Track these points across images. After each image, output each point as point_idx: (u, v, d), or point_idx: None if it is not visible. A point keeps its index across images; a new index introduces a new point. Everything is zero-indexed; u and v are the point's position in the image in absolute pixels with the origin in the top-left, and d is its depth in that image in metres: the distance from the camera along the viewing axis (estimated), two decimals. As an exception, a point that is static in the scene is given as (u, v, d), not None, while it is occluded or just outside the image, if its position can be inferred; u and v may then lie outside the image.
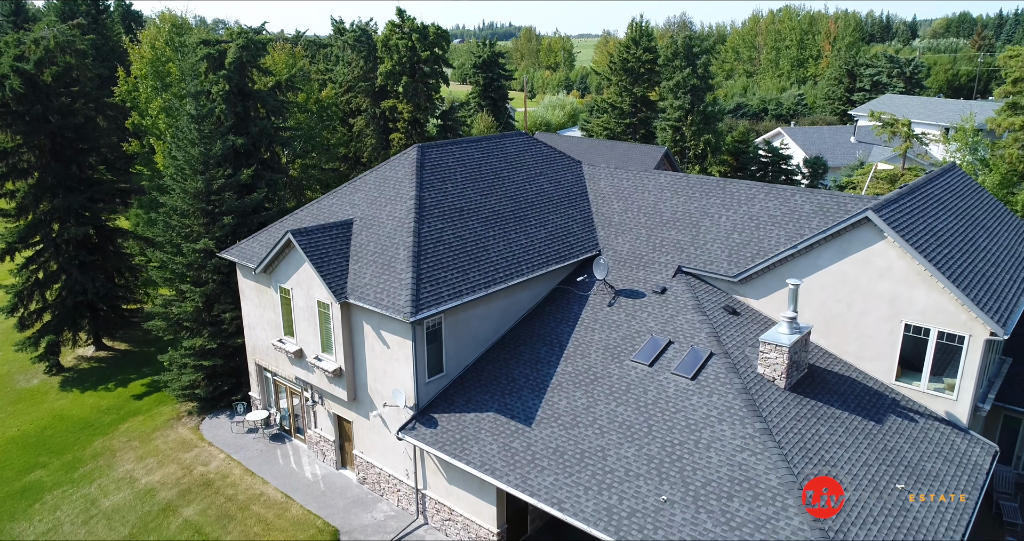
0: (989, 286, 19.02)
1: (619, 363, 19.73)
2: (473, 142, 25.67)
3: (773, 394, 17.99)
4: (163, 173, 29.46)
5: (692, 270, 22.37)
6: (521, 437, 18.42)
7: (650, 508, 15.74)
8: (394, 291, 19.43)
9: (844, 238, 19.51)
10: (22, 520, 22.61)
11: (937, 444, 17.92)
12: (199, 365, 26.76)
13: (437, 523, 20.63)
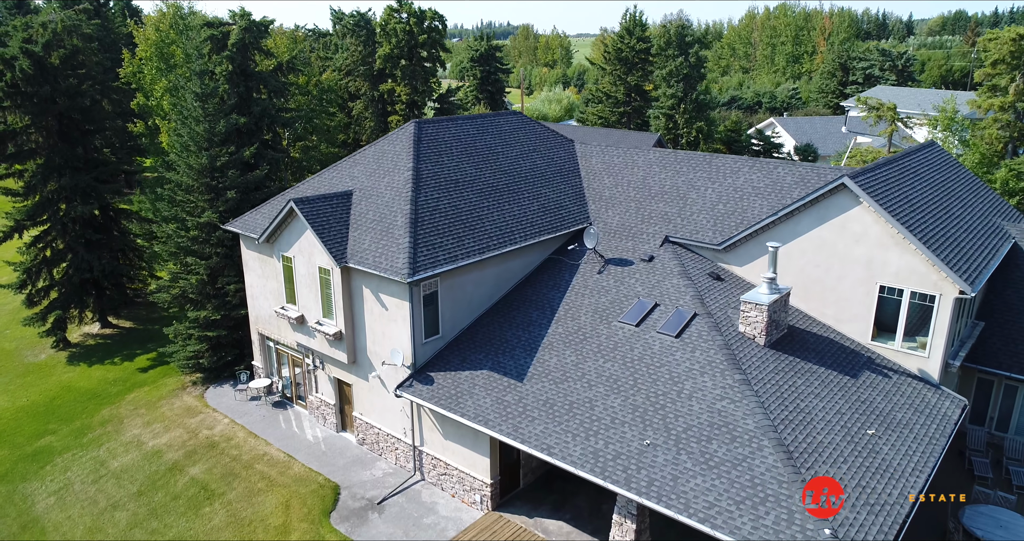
0: (959, 249, 19.95)
1: (607, 324, 20.63)
2: (468, 119, 26.56)
3: (753, 350, 18.89)
4: (168, 152, 30.29)
5: (679, 240, 23.26)
6: (513, 391, 19.33)
7: (634, 451, 16.65)
8: (392, 255, 20.33)
9: (822, 205, 20.41)
10: (34, 480, 23.48)
11: (909, 397, 18.84)
12: (204, 336, 27.64)
13: (433, 478, 21.54)
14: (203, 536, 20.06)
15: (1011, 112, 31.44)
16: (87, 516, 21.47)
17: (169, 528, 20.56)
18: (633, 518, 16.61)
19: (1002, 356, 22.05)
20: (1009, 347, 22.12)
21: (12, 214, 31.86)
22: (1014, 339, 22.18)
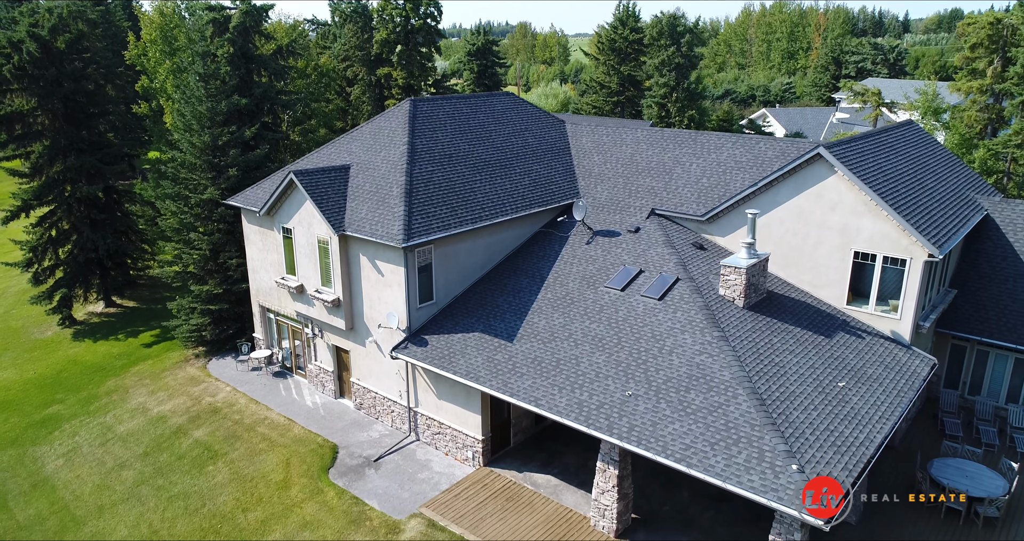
0: (930, 216, 20.87)
1: (594, 289, 21.54)
2: (462, 98, 27.45)
3: (732, 311, 19.81)
4: (171, 131, 31.17)
5: (664, 212, 24.16)
6: (503, 351, 20.24)
7: (616, 401, 17.57)
8: (388, 223, 21.24)
9: (799, 175, 21.31)
10: (43, 444, 24.38)
11: (880, 356, 19.76)
12: (206, 310, 28.54)
13: (427, 438, 22.45)
14: (207, 491, 20.95)
15: (988, 94, 32.43)
16: (95, 475, 22.37)
17: (174, 484, 21.46)
18: (615, 464, 17.51)
19: (973, 322, 22.99)
20: (980, 313, 23.05)
21: (19, 194, 32.74)
22: (985, 306, 23.11)
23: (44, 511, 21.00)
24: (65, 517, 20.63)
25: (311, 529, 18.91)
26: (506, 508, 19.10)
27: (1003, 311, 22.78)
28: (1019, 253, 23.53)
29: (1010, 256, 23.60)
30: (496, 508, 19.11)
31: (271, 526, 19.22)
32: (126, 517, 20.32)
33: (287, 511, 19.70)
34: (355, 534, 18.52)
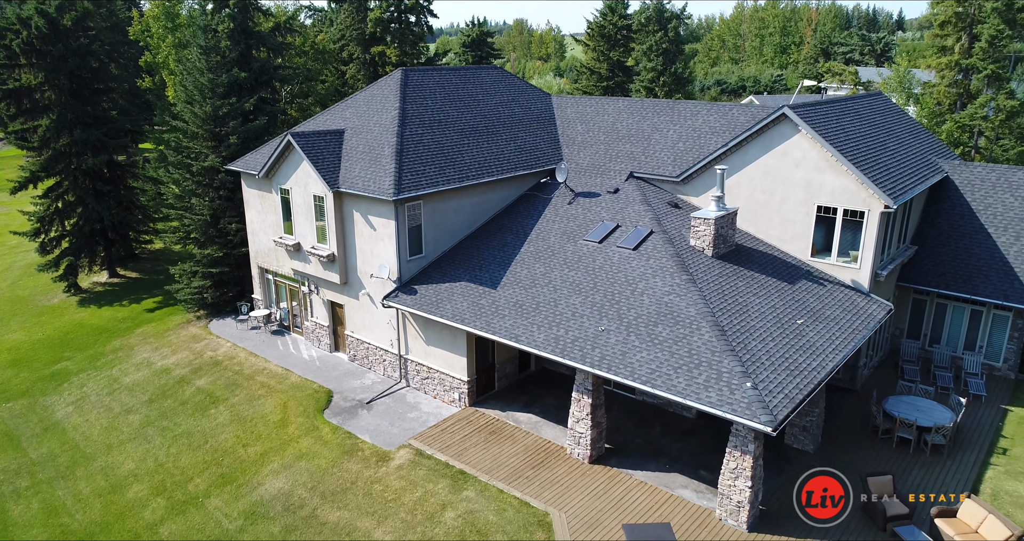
0: (888, 172, 22.25)
1: (574, 242, 22.90)
2: (451, 70, 28.80)
3: (701, 260, 21.17)
4: (174, 103, 32.48)
5: (642, 175, 25.52)
6: (487, 297, 21.60)
7: (590, 336, 18.93)
8: (379, 179, 22.59)
9: (767, 135, 22.68)
10: (53, 395, 25.72)
11: (839, 300, 21.14)
12: (207, 273, 29.86)
13: (417, 383, 23.81)
14: (209, 431, 22.29)
15: (956, 70, 33.82)
16: (103, 419, 23.71)
17: (178, 426, 22.81)
18: (589, 393, 18.88)
19: (932, 276, 24.38)
20: (938, 267, 24.45)
21: (27, 166, 34.05)
22: (943, 261, 24.50)
23: (56, 450, 22.33)
24: (76, 454, 21.97)
25: (307, 459, 20.25)
26: (489, 440, 20.46)
27: (959, 265, 24.18)
28: (975, 212, 24.93)
29: (967, 214, 24.99)
30: (479, 440, 20.47)
31: (269, 458, 20.56)
32: (133, 453, 21.66)
33: (284, 445, 21.04)
34: (348, 463, 19.87)
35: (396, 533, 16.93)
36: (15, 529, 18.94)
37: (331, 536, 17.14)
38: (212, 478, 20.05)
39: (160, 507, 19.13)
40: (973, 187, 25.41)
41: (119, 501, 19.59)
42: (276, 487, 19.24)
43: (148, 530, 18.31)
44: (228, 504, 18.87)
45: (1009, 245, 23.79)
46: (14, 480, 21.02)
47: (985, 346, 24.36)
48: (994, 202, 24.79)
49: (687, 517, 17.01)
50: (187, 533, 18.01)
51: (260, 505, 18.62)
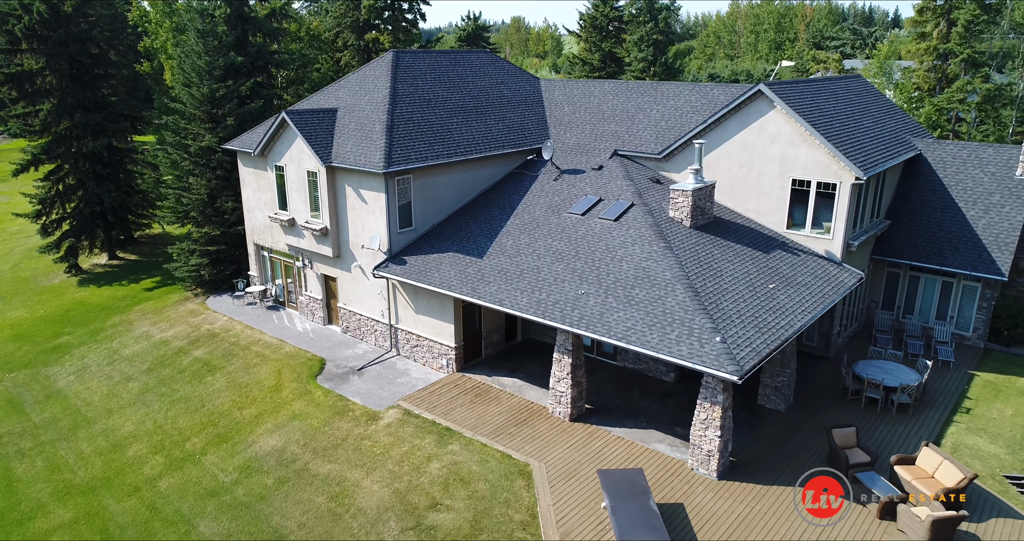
0: (860, 147, 23.11)
1: (558, 215, 23.75)
2: (442, 53, 29.62)
3: (679, 230, 22.02)
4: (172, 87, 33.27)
5: (625, 152, 26.36)
6: (474, 266, 22.45)
7: (570, 299, 19.78)
8: (370, 153, 23.42)
9: (744, 111, 23.52)
10: (55, 365, 26.54)
11: (812, 269, 21.99)
12: (205, 251, 30.69)
13: (407, 351, 24.65)
14: (206, 396, 23.13)
15: (935, 55, 34.70)
16: (103, 386, 24.54)
17: (176, 392, 23.64)
18: (569, 353, 19.72)
19: (904, 248, 25.25)
20: (910, 240, 25.30)
21: (29, 149, 34.86)
22: (915, 234, 25.36)
23: (58, 414, 23.16)
24: (77, 418, 22.80)
25: (300, 419, 21.10)
26: (474, 401, 21.32)
27: (931, 238, 25.04)
28: (947, 187, 25.79)
29: (939, 190, 25.85)
30: (465, 401, 21.32)
31: (264, 419, 21.40)
32: (133, 416, 22.50)
33: (278, 408, 21.88)
34: (339, 422, 20.71)
35: (384, 482, 17.77)
36: (19, 485, 19.76)
37: (322, 486, 17.98)
38: (208, 438, 20.89)
39: (159, 464, 19.96)
40: (945, 164, 26.27)
41: (119, 459, 20.41)
42: (270, 444, 20.08)
43: (147, 484, 19.13)
44: (224, 460, 19.71)
45: (978, 218, 24.65)
46: (18, 441, 21.84)
47: (956, 317, 25.22)
48: (965, 177, 25.65)
49: (661, 467, 17.86)
50: (185, 486, 18.84)
51: (254, 460, 19.46)
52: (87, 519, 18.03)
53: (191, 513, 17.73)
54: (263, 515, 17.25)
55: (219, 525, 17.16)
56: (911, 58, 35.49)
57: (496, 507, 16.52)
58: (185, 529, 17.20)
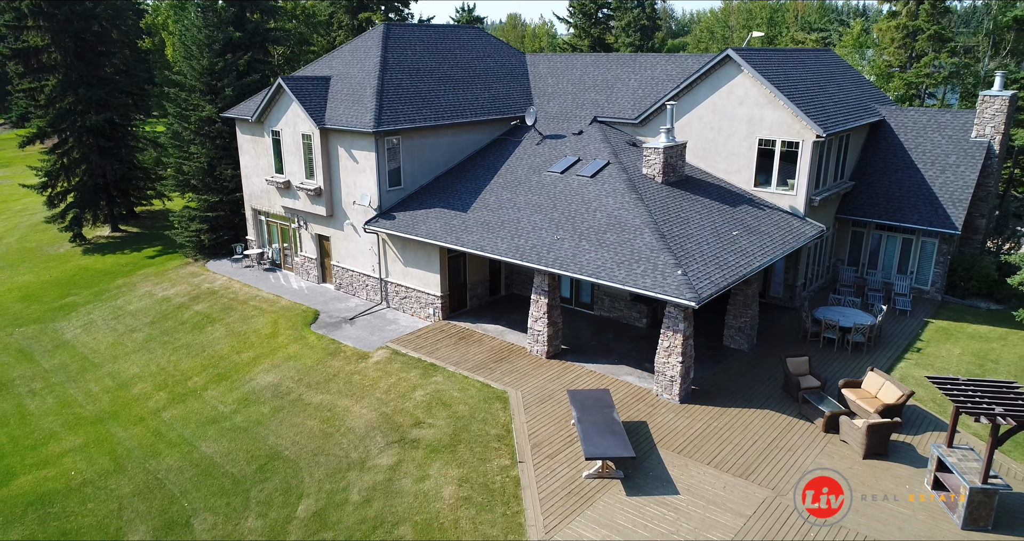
0: (822, 108, 24.55)
1: (539, 174, 25.17)
2: (431, 27, 31.03)
3: (651, 185, 23.45)
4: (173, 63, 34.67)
5: (604, 119, 27.79)
6: (458, 218, 23.87)
7: (547, 244, 21.21)
8: (361, 115, 24.84)
9: (714, 76, 24.96)
10: (63, 321, 27.92)
11: (776, 221, 23.43)
12: (204, 217, 32.09)
13: (396, 303, 26.07)
14: (207, 343, 24.53)
15: (905, 32, 36.20)
16: (109, 337, 25.93)
17: (178, 340, 25.04)
18: (546, 294, 21.15)
19: (867, 207, 26.69)
20: (873, 200, 26.75)
21: (34, 123, 36.24)
22: (877, 194, 26.81)
23: (67, 360, 24.56)
24: (85, 363, 24.20)
25: (295, 360, 22.51)
26: (458, 343, 22.74)
27: (891, 198, 26.49)
28: (907, 150, 27.25)
29: (900, 153, 27.31)
30: (450, 343, 22.75)
31: (261, 360, 22.81)
32: (138, 361, 23.90)
33: (274, 351, 23.29)
34: (332, 361, 22.13)
35: (371, 407, 19.20)
36: (32, 418, 21.15)
37: (314, 412, 19.39)
38: (209, 376, 22.30)
39: (162, 399, 21.36)
40: (906, 128, 27.73)
41: (125, 395, 21.82)
42: (267, 381, 21.49)
43: (152, 415, 20.54)
44: (223, 394, 21.12)
45: (935, 178, 26.11)
46: (29, 383, 23.23)
47: (915, 272, 26.68)
48: (924, 141, 27.12)
49: (628, 394, 19.30)
50: (187, 416, 20.24)
51: (252, 394, 20.87)
52: (96, 443, 19.43)
53: (193, 437, 19.13)
54: (260, 436, 18.66)
55: (219, 445, 18.56)
56: (882, 36, 37.00)
57: (474, 424, 17.94)
58: (187, 449, 18.60)
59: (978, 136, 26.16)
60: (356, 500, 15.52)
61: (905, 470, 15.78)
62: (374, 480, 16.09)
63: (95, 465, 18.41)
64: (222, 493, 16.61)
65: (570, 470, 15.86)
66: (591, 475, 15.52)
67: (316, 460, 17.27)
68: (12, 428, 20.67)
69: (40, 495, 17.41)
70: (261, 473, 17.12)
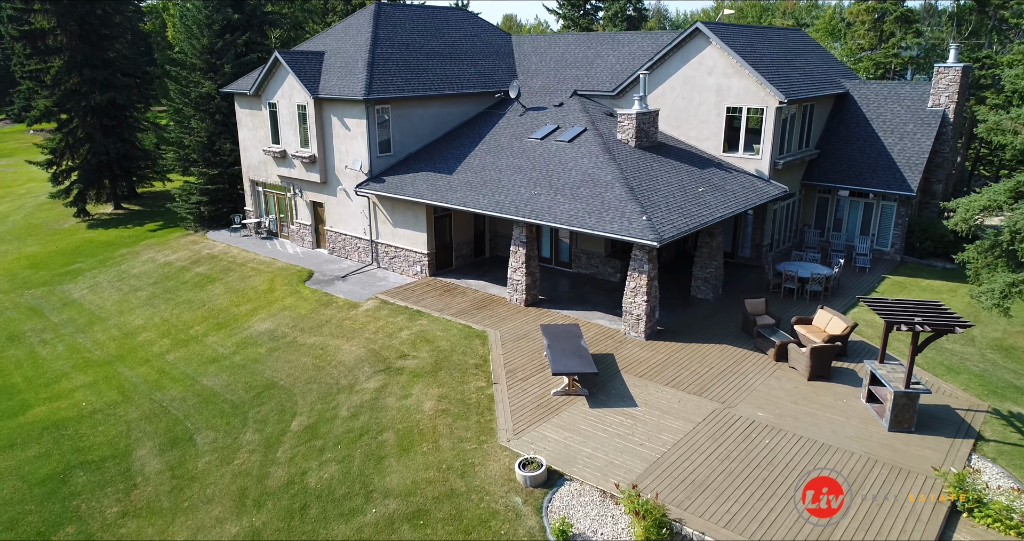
0: (786, 78, 26.14)
1: (520, 141, 26.73)
2: (422, 7, 32.63)
3: (625, 148, 25.00)
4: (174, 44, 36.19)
5: (584, 92, 29.35)
6: (444, 180, 25.42)
7: (525, 199, 22.76)
8: (353, 84, 26.39)
9: (685, 48, 26.55)
10: (70, 284, 29.41)
11: (741, 182, 25.00)
12: (204, 189, 33.61)
13: (386, 263, 27.60)
14: (207, 299, 26.03)
15: (874, 14, 37.85)
16: (114, 295, 27.42)
17: (180, 296, 26.54)
18: (524, 244, 22.69)
19: (831, 174, 28.28)
20: (837, 167, 28.34)
21: (40, 103, 37.75)
22: (840, 161, 28.40)
23: (75, 315, 26.05)
24: (92, 317, 25.69)
25: (290, 310, 24.02)
26: (443, 295, 24.28)
27: (853, 164, 28.08)
28: (869, 120, 28.85)
29: (862, 123, 28.91)
30: (435, 295, 24.28)
31: (258, 311, 24.32)
32: (142, 315, 25.40)
33: (271, 303, 24.80)
34: (324, 310, 23.65)
35: (360, 345, 20.71)
36: (44, 362, 22.63)
37: (308, 351, 20.90)
38: (209, 326, 23.80)
39: (166, 344, 22.86)
40: (868, 100, 29.34)
41: (131, 342, 23.31)
42: (263, 327, 23.00)
43: (156, 357, 22.04)
44: (223, 339, 22.62)
45: (894, 145, 27.71)
46: (40, 334, 24.71)
47: (876, 234, 28.25)
48: (884, 111, 28.73)
49: (599, 333, 20.83)
50: (189, 357, 21.74)
51: (250, 338, 22.38)
52: (104, 381, 20.92)
53: (195, 373, 20.62)
54: (257, 371, 20.16)
55: (219, 379, 20.06)
56: (854, 19, 38.68)
57: (455, 356, 19.46)
58: (189, 383, 20.10)
59: (934, 105, 27.78)
60: (344, 415, 17.03)
61: (844, 388, 17.33)
62: (361, 400, 17.60)
63: (104, 397, 19.89)
64: (222, 415, 18.11)
65: (540, 389, 17.38)
66: (559, 392, 17.05)
67: (309, 387, 18.78)
68: (25, 370, 22.15)
69: (54, 421, 18.89)
70: (258, 399, 18.62)
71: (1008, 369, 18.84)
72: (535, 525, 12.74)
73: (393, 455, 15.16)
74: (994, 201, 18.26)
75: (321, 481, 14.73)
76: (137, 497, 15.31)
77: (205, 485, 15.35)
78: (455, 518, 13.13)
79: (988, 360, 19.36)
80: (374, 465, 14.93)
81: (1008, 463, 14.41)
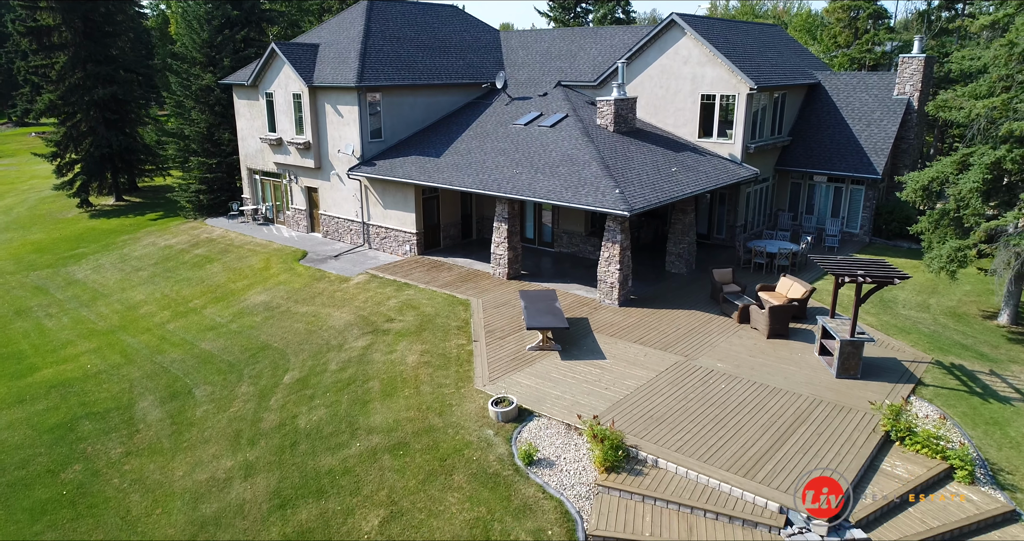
0: (755, 66, 27.51)
1: (505, 127, 28.06)
2: (413, 3, 34.04)
3: (604, 133, 26.32)
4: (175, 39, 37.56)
5: (567, 82, 30.72)
6: (431, 163, 26.72)
7: (507, 177, 24.05)
8: (346, 73, 27.73)
9: (662, 39, 27.94)
10: (74, 266, 30.64)
11: (714, 164, 26.32)
12: (204, 178, 34.90)
13: (376, 244, 28.86)
14: (206, 277, 27.26)
15: (849, 11, 39.34)
16: (116, 275, 28.65)
17: (180, 275, 27.76)
18: (506, 221, 23.95)
19: (802, 159, 29.62)
20: (808, 153, 29.69)
21: (45, 97, 39.08)
22: (812, 148, 29.74)
23: (79, 292, 27.26)
24: (95, 294, 26.90)
25: (284, 285, 25.25)
26: (430, 270, 25.53)
27: (824, 150, 29.42)
28: (839, 109, 30.21)
29: (833, 111, 30.28)
30: (423, 270, 25.53)
31: (254, 286, 25.55)
32: (143, 291, 26.62)
33: (266, 279, 26.04)
34: (317, 284, 24.88)
35: (350, 312, 21.94)
36: (51, 332, 23.83)
37: (301, 318, 22.13)
38: (208, 299, 25.02)
39: (166, 316, 24.08)
40: (839, 90, 30.73)
41: (133, 315, 24.53)
42: (259, 300, 24.22)
43: (157, 326, 23.25)
44: (221, 311, 23.84)
45: (862, 131, 29.05)
46: (46, 309, 25.92)
47: (846, 217, 29.56)
48: (853, 100, 30.10)
49: (575, 301, 22.07)
50: (188, 326, 22.95)
51: (246, 309, 23.60)
52: (108, 347, 22.12)
53: (193, 339, 21.84)
54: (252, 336, 21.38)
55: (216, 343, 21.27)
56: (830, 16, 40.16)
57: (438, 319, 20.70)
58: (188, 347, 21.31)
59: (899, 94, 29.16)
60: (333, 369, 18.24)
61: (800, 345, 18.57)
62: (349, 356, 18.82)
63: (108, 360, 21.10)
64: (219, 372, 19.31)
65: (516, 346, 18.61)
66: (533, 347, 18.28)
67: (301, 348, 19.99)
68: (33, 339, 23.35)
69: (61, 381, 20.09)
70: (253, 359, 19.83)
71: (957, 331, 20.09)
72: (505, 452, 13.95)
73: (377, 399, 16.36)
74: (941, 173, 19.56)
75: (310, 422, 15.94)
76: (140, 440, 16.50)
77: (203, 429, 16.54)
78: (432, 448, 14.33)
79: (940, 323, 20.61)
80: (360, 408, 16.14)
81: (943, 403, 15.63)
